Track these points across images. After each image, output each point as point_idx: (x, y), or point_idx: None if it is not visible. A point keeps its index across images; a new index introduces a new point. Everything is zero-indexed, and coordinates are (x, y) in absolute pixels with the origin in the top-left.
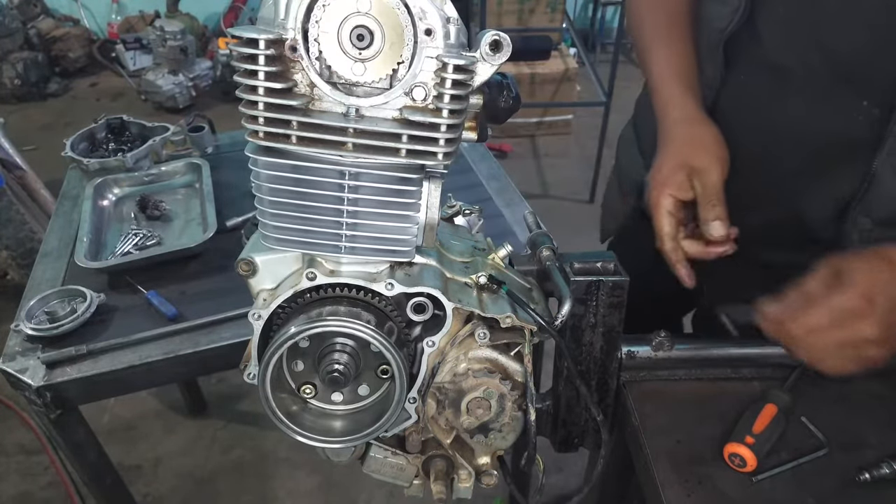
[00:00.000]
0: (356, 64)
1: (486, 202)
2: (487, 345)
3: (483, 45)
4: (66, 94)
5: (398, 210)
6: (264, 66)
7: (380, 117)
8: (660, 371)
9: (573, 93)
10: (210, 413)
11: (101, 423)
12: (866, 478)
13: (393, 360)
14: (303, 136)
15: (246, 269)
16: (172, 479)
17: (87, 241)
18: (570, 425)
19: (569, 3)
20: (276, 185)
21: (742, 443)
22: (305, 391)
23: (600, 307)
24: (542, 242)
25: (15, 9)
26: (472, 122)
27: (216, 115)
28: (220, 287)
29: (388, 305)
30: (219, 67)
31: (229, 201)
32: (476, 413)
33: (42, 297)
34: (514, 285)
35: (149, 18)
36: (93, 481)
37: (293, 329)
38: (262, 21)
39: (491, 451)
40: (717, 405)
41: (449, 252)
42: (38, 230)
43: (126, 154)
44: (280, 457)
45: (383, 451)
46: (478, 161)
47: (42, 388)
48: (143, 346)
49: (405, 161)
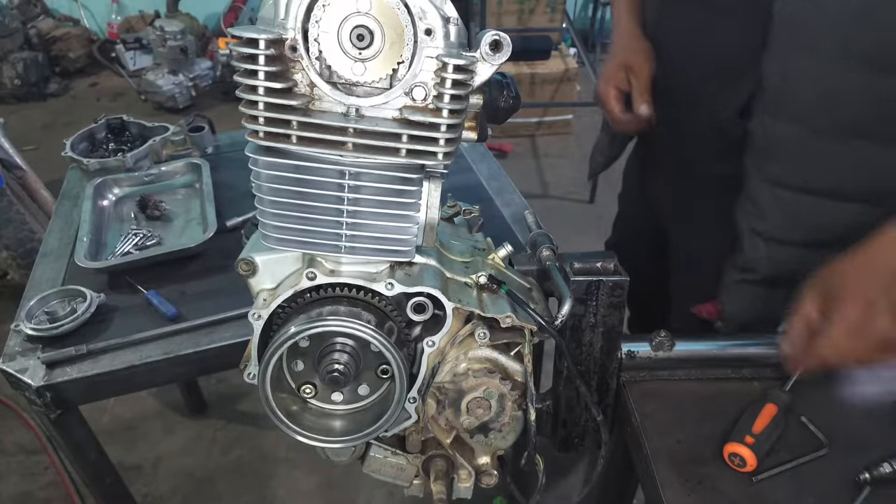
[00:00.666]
0: (356, 64)
1: (486, 202)
2: (487, 345)
3: (483, 45)
4: (66, 94)
5: (398, 210)
6: (264, 66)
7: (380, 117)
8: (660, 371)
9: (573, 93)
10: (210, 413)
11: (101, 423)
12: (866, 478)
13: (393, 360)
14: (303, 136)
15: (246, 269)
16: (172, 479)
17: (87, 241)
18: (570, 425)
19: (569, 3)
20: (277, 184)
21: (742, 443)
22: (305, 391)
23: (600, 307)
24: (542, 242)
25: (15, 9)
26: (472, 121)
27: (216, 115)
28: (220, 287)
29: (388, 305)
30: (219, 67)
31: (229, 201)
32: (476, 413)
33: (42, 297)
34: (514, 285)
35: (149, 18)
36: (93, 481)
37: (293, 329)
38: (262, 21)
39: (491, 451)
40: (717, 405)
41: (449, 252)
42: (38, 230)
43: (126, 154)
44: (280, 457)
45: (383, 451)
46: (478, 161)
47: (42, 388)
48: (143, 346)
49: (405, 161)
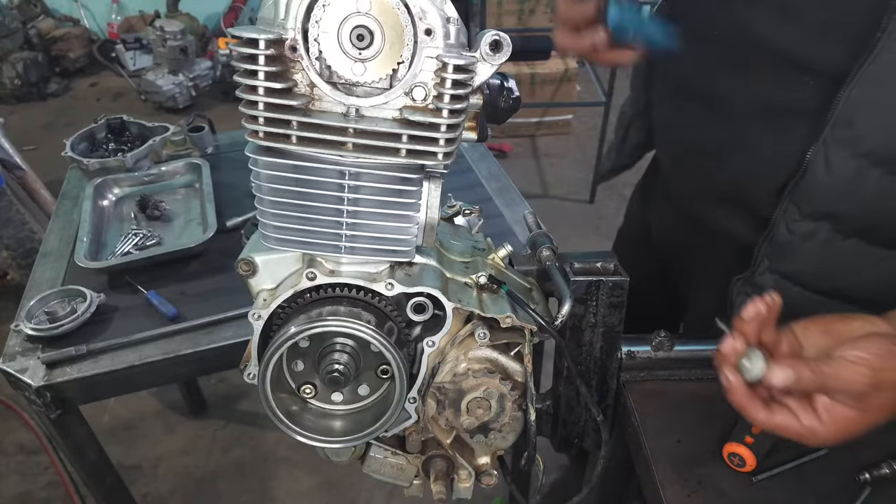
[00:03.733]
0: (356, 64)
1: (486, 202)
2: (487, 345)
3: (483, 45)
4: (66, 94)
5: (398, 210)
6: (264, 66)
7: (380, 117)
8: (660, 371)
9: (573, 93)
10: (210, 413)
11: (101, 423)
12: (866, 478)
13: (393, 360)
14: (303, 136)
15: (246, 269)
16: (172, 478)
17: (87, 241)
18: (570, 425)
19: None
20: (276, 185)
21: (741, 443)
22: (305, 391)
23: (600, 307)
24: (542, 242)
25: (15, 9)
26: (472, 122)
27: (216, 115)
28: (220, 287)
29: (388, 305)
30: (219, 67)
31: (229, 201)
32: (476, 413)
33: (42, 297)
34: (514, 285)
35: (149, 18)
36: (93, 481)
37: (293, 329)
38: (262, 21)
39: (491, 451)
40: (717, 405)
41: (449, 252)
42: (38, 230)
43: (126, 154)
44: (280, 457)
45: (383, 451)
46: (478, 161)
47: (42, 388)
48: (143, 346)
49: (405, 161)
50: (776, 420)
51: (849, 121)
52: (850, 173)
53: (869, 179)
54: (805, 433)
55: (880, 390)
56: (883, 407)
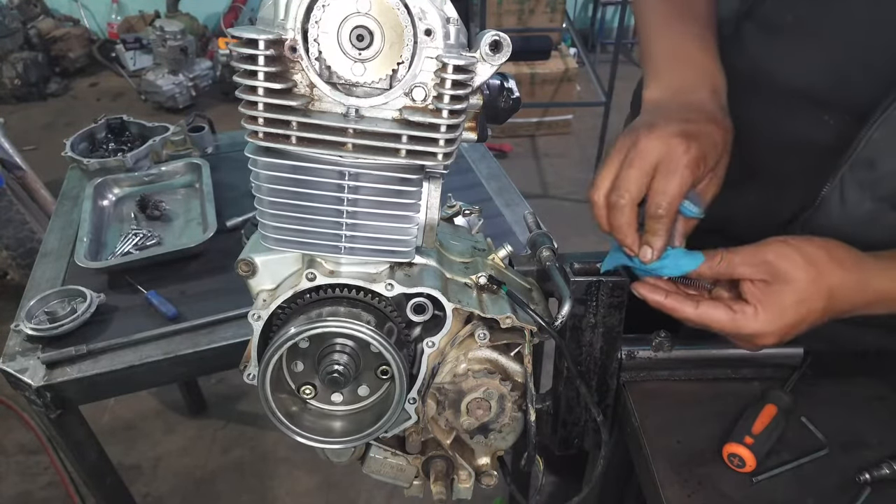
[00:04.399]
0: (356, 64)
1: (486, 202)
2: (487, 345)
3: (483, 46)
4: (66, 94)
5: (398, 210)
6: (264, 66)
7: (379, 118)
8: (660, 371)
9: (573, 93)
10: (210, 413)
11: (101, 423)
12: (866, 478)
13: (393, 361)
14: (302, 137)
15: (246, 270)
16: (172, 478)
17: (87, 241)
18: (570, 425)
19: (569, 3)
20: (276, 185)
21: (741, 443)
22: (305, 392)
23: (600, 307)
24: (542, 242)
25: (15, 9)
26: (472, 122)
27: (216, 115)
28: (220, 287)
29: (388, 306)
30: (219, 67)
31: (229, 201)
32: (476, 414)
33: (42, 297)
34: (514, 285)
35: (149, 18)
36: (93, 481)
37: (293, 330)
38: (262, 21)
39: (491, 452)
40: (717, 405)
41: (449, 252)
42: (38, 230)
43: (126, 154)
44: (280, 457)
45: (383, 452)
46: (478, 161)
47: (42, 388)
48: (143, 346)
49: (405, 161)
50: (704, 310)
51: (870, 162)
52: (865, 213)
53: (884, 221)
54: (738, 318)
55: (795, 264)
56: (820, 291)
